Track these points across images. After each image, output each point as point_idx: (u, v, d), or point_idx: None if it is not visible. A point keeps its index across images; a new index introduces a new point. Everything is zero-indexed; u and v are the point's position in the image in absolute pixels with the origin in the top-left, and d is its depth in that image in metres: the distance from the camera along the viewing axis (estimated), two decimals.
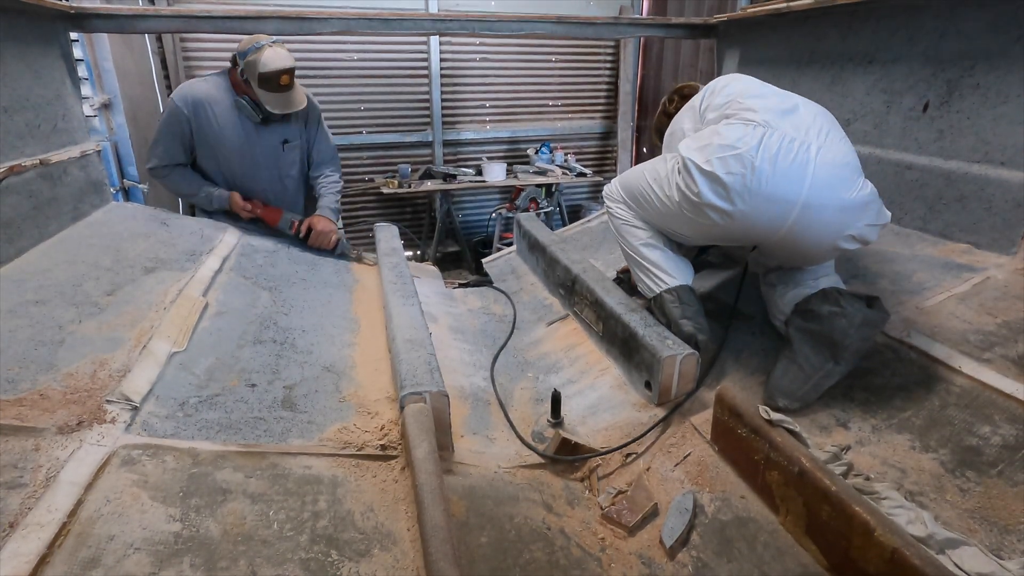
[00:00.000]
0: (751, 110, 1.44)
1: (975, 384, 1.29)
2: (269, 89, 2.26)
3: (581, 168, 5.47)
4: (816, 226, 1.37)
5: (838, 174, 1.35)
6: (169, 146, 2.36)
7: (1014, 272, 1.60)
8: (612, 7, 5.60)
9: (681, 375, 1.48)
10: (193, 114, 2.32)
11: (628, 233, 1.72)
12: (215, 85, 2.37)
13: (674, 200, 1.50)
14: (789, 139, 1.36)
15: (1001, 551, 0.98)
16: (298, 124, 2.52)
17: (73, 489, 0.96)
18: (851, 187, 1.35)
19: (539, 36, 2.78)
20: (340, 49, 4.97)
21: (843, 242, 1.39)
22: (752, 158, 1.34)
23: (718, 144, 1.39)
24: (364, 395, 1.45)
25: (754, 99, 1.47)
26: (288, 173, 2.57)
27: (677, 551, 1.13)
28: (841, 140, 1.42)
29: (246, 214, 2.44)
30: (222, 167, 2.45)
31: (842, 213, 1.35)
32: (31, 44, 1.89)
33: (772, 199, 1.34)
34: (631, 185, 1.70)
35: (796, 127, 1.39)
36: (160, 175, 2.42)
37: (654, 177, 1.59)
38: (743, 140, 1.36)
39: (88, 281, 1.60)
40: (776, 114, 1.41)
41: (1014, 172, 1.69)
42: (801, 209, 1.34)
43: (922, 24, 1.93)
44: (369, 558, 0.97)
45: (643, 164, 1.70)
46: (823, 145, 1.36)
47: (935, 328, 1.48)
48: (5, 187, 1.64)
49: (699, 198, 1.40)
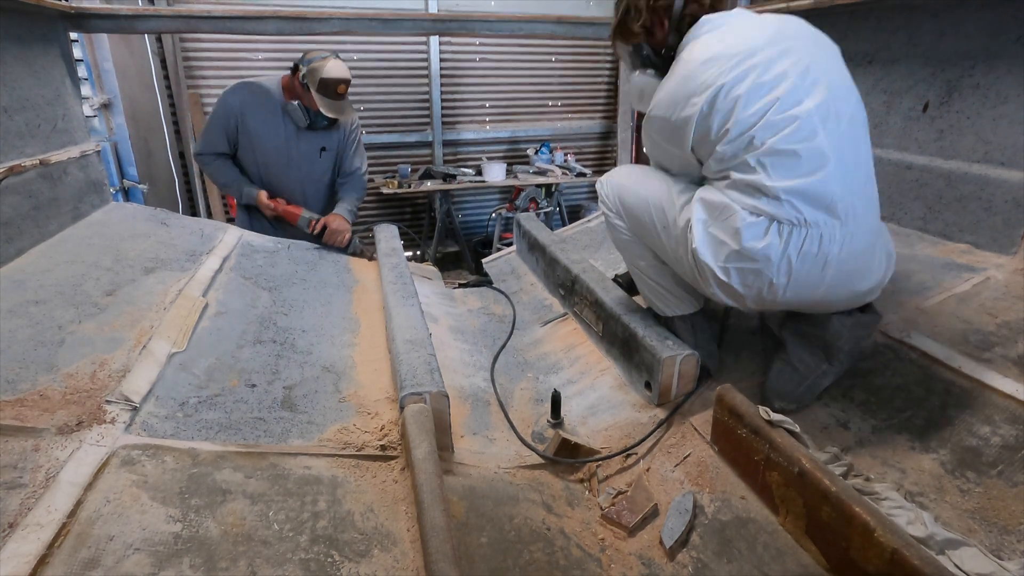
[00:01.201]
0: (795, 154, 1.20)
1: (975, 384, 1.29)
2: (327, 95, 2.45)
3: (581, 168, 5.46)
4: (829, 307, 1.35)
5: (856, 267, 1.28)
6: (214, 136, 2.58)
7: (1014, 272, 1.60)
8: (612, 7, 5.59)
9: (681, 375, 1.48)
10: (241, 111, 2.52)
11: (632, 252, 1.58)
12: (267, 88, 2.57)
13: (686, 261, 1.37)
14: (814, 237, 1.22)
15: (1001, 551, 0.98)
16: (338, 137, 2.74)
17: (73, 489, 0.96)
18: (866, 277, 1.31)
19: (539, 36, 2.78)
20: (340, 49, 4.96)
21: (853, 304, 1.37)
22: (771, 275, 1.25)
23: (736, 252, 1.25)
24: (364, 395, 1.45)
25: (805, 128, 1.20)
26: (320, 178, 2.78)
27: (677, 552, 1.13)
28: (863, 190, 1.27)
29: (269, 212, 2.64)
30: (259, 163, 2.65)
31: (854, 297, 1.33)
32: (31, 44, 1.89)
33: (786, 304, 1.33)
34: (635, 212, 1.50)
35: (829, 207, 1.21)
36: (203, 161, 2.67)
37: (663, 225, 1.42)
38: (765, 253, 1.22)
39: (88, 281, 1.60)
40: (817, 161, 1.20)
41: (1014, 172, 1.69)
42: (815, 303, 1.33)
43: (922, 24, 1.93)
44: (369, 558, 0.97)
45: (644, 183, 1.50)
46: (849, 233, 1.23)
47: (935, 328, 1.48)
48: (5, 187, 1.64)
49: (712, 296, 1.37)
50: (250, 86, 2.55)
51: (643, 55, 1.52)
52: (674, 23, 1.42)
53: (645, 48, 1.51)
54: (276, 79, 2.59)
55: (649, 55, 1.50)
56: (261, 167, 2.67)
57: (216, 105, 2.57)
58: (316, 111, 2.50)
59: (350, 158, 2.81)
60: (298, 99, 2.53)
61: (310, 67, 2.43)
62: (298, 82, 2.49)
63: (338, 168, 2.83)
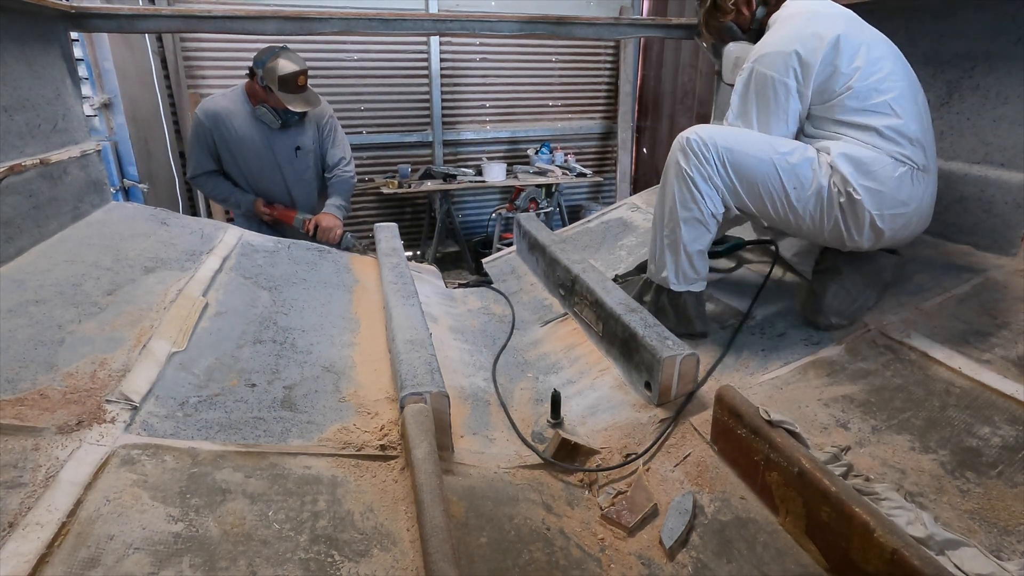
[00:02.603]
0: (909, 117, 1.44)
1: (975, 385, 1.29)
2: (288, 91, 2.51)
3: (581, 168, 5.46)
4: (907, 237, 1.60)
5: (932, 205, 1.58)
6: (199, 156, 2.68)
7: (1014, 273, 1.60)
8: (612, 7, 5.60)
9: (681, 375, 1.48)
10: (214, 126, 2.60)
11: (695, 230, 1.58)
12: (232, 99, 2.64)
13: (811, 214, 1.51)
14: (930, 181, 1.52)
15: (1001, 552, 0.98)
16: (312, 131, 2.78)
17: (73, 489, 0.96)
18: (932, 215, 1.60)
19: (539, 36, 2.78)
20: (340, 49, 4.97)
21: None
22: (913, 216, 1.49)
23: (893, 198, 1.45)
24: (364, 395, 1.45)
25: (895, 89, 1.44)
26: (302, 177, 2.83)
27: (677, 552, 1.13)
28: (934, 150, 1.57)
29: (267, 218, 2.77)
30: (243, 173, 2.73)
31: (923, 225, 1.60)
32: (31, 44, 1.89)
33: (901, 240, 1.57)
34: (750, 171, 1.49)
35: (929, 146, 1.50)
36: (197, 183, 2.79)
37: (789, 177, 1.47)
38: (912, 197, 1.47)
39: (88, 281, 1.60)
40: (925, 134, 1.48)
41: (1014, 173, 1.69)
42: (910, 237, 1.59)
43: (922, 25, 1.93)
44: (369, 558, 0.97)
45: (756, 141, 1.50)
46: (934, 175, 1.54)
47: (935, 328, 1.48)
48: (5, 187, 1.64)
49: (851, 239, 1.51)
50: (215, 100, 2.65)
51: (732, 32, 1.71)
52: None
53: (732, 27, 1.70)
54: (239, 89, 2.67)
55: (737, 32, 1.70)
56: (247, 176, 2.75)
57: (191, 128, 2.68)
58: (284, 109, 2.55)
59: (330, 150, 2.85)
60: (264, 102, 2.58)
61: (265, 68, 2.49)
62: (259, 86, 2.54)
63: (324, 163, 2.88)
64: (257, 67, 2.54)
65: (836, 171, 1.44)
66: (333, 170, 2.86)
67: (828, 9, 1.52)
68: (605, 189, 6.32)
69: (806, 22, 1.46)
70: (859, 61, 1.40)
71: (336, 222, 2.72)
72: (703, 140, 1.51)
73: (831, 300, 1.58)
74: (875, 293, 1.61)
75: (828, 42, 1.41)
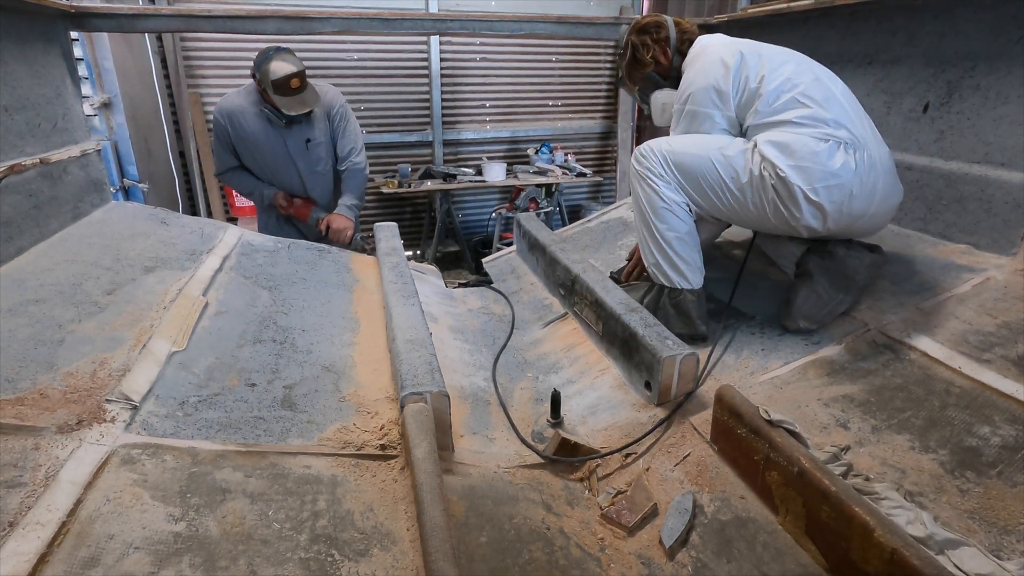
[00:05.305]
0: (820, 105, 1.52)
1: (975, 384, 1.29)
2: (283, 94, 2.54)
3: (581, 168, 5.47)
4: (876, 223, 1.62)
5: (889, 182, 1.57)
6: (220, 154, 2.78)
7: (1014, 273, 1.60)
8: (612, 7, 5.60)
9: (681, 375, 1.48)
10: (229, 123, 2.68)
11: (666, 218, 1.67)
12: (245, 96, 2.70)
13: (761, 200, 1.56)
14: (865, 155, 1.50)
15: (1000, 552, 0.98)
16: (322, 122, 2.81)
17: (73, 488, 0.96)
18: (895, 194, 1.60)
19: (539, 36, 2.79)
20: (340, 49, 4.97)
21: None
22: (851, 187, 1.49)
23: (821, 171, 1.48)
24: (364, 395, 1.45)
25: (800, 84, 1.55)
26: (315, 169, 2.86)
27: (676, 551, 1.13)
28: (872, 131, 1.58)
29: (284, 212, 2.85)
30: (260, 166, 2.81)
31: (890, 212, 1.62)
32: (31, 43, 1.89)
33: (854, 216, 1.54)
34: (691, 168, 1.62)
35: (852, 125, 1.52)
36: (223, 179, 2.89)
37: (725, 168, 1.59)
38: (845, 167, 1.48)
39: (88, 280, 1.60)
40: (843, 115, 1.53)
41: (1014, 173, 1.69)
42: (870, 216, 1.57)
43: (922, 25, 1.93)
44: (368, 558, 0.97)
45: (695, 140, 1.65)
46: (875, 152, 1.53)
47: (935, 328, 1.48)
48: (5, 186, 1.64)
49: (795, 220, 1.54)
50: (229, 99, 2.71)
51: (654, 80, 1.86)
52: (675, 48, 1.80)
53: (654, 76, 1.85)
54: (252, 85, 2.70)
55: (659, 79, 1.85)
56: (263, 169, 2.82)
57: (213, 127, 2.79)
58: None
59: (340, 140, 2.88)
60: (268, 102, 2.63)
61: (260, 71, 2.53)
62: (259, 87, 2.60)
63: (335, 153, 2.92)
64: (255, 69, 2.58)
65: (765, 158, 1.54)
66: (344, 161, 2.89)
67: (727, 39, 1.72)
68: (605, 189, 6.32)
69: (712, 54, 1.65)
70: (763, 70, 1.58)
71: (348, 223, 2.79)
72: (649, 147, 1.71)
73: (801, 304, 1.62)
74: (849, 296, 1.62)
75: (733, 65, 1.60)
